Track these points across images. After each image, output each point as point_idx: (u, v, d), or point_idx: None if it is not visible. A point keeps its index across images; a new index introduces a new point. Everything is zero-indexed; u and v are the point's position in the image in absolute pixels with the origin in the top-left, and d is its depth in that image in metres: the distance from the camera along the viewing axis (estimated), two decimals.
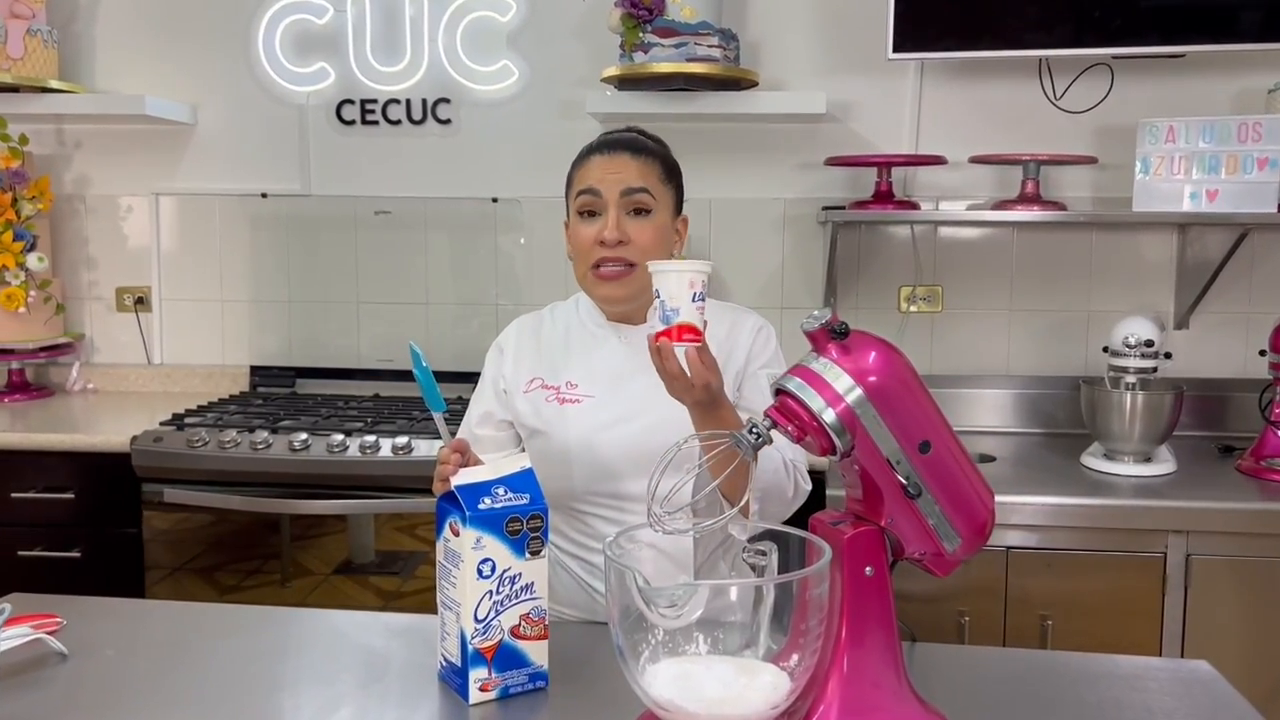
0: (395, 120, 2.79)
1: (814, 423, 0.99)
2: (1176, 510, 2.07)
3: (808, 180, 2.67)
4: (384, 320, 2.86)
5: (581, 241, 1.48)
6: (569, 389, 1.52)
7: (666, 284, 1.17)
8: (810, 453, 1.04)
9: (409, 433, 2.33)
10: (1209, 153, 2.29)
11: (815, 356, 1.01)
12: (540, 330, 1.62)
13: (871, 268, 2.67)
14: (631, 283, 1.48)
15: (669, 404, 1.46)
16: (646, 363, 1.50)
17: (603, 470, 1.48)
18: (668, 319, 1.18)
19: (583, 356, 1.55)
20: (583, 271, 1.50)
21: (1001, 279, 2.65)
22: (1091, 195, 2.59)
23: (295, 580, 2.38)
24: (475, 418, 1.61)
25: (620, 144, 1.52)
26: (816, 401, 0.99)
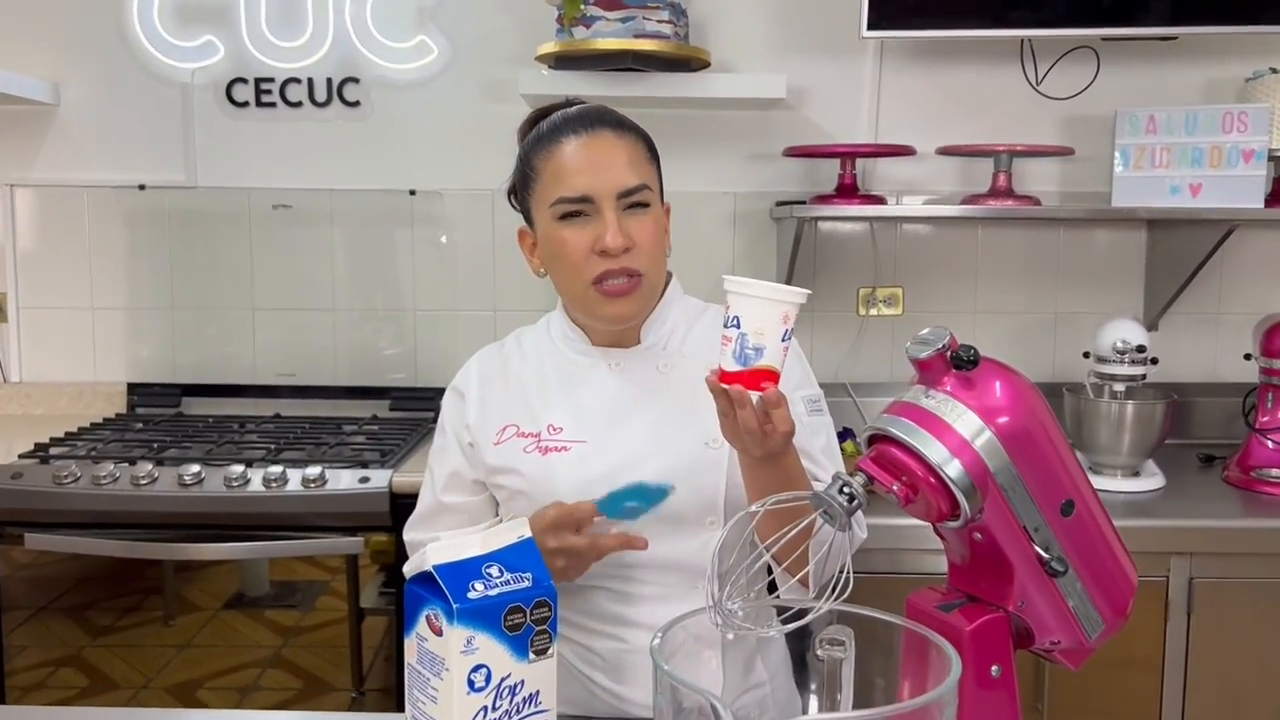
0: (295, 102, 2.46)
1: (931, 479, 0.75)
2: (1178, 530, 1.91)
3: (760, 172, 2.44)
4: (283, 329, 2.52)
5: (572, 252, 1.21)
6: (552, 434, 1.26)
7: (753, 313, 0.95)
8: (916, 516, 0.80)
9: (321, 461, 2.02)
10: (1191, 144, 2.15)
11: (925, 391, 0.77)
12: (508, 365, 1.34)
13: (827, 268, 2.46)
14: (642, 296, 1.23)
15: (681, 443, 1.21)
16: (646, 393, 1.25)
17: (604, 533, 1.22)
18: (745, 358, 0.95)
19: (566, 392, 1.28)
20: (579, 289, 1.23)
21: (965, 279, 2.48)
22: (1059, 189, 2.43)
23: (180, 617, 2.06)
24: (441, 482, 1.34)
25: (596, 118, 1.24)
26: (936, 450, 0.75)
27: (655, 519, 1.21)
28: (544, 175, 1.23)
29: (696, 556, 1.22)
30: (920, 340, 0.77)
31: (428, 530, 1.34)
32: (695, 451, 1.22)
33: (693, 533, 1.22)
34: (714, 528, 1.22)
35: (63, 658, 2.04)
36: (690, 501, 1.21)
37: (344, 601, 2.02)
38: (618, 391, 1.27)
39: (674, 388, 1.25)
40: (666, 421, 1.24)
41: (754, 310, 0.94)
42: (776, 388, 0.98)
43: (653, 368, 1.28)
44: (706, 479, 1.21)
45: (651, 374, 1.27)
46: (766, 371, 0.95)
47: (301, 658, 2.06)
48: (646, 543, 1.17)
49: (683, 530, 1.22)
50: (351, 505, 1.95)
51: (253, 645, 2.06)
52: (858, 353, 2.48)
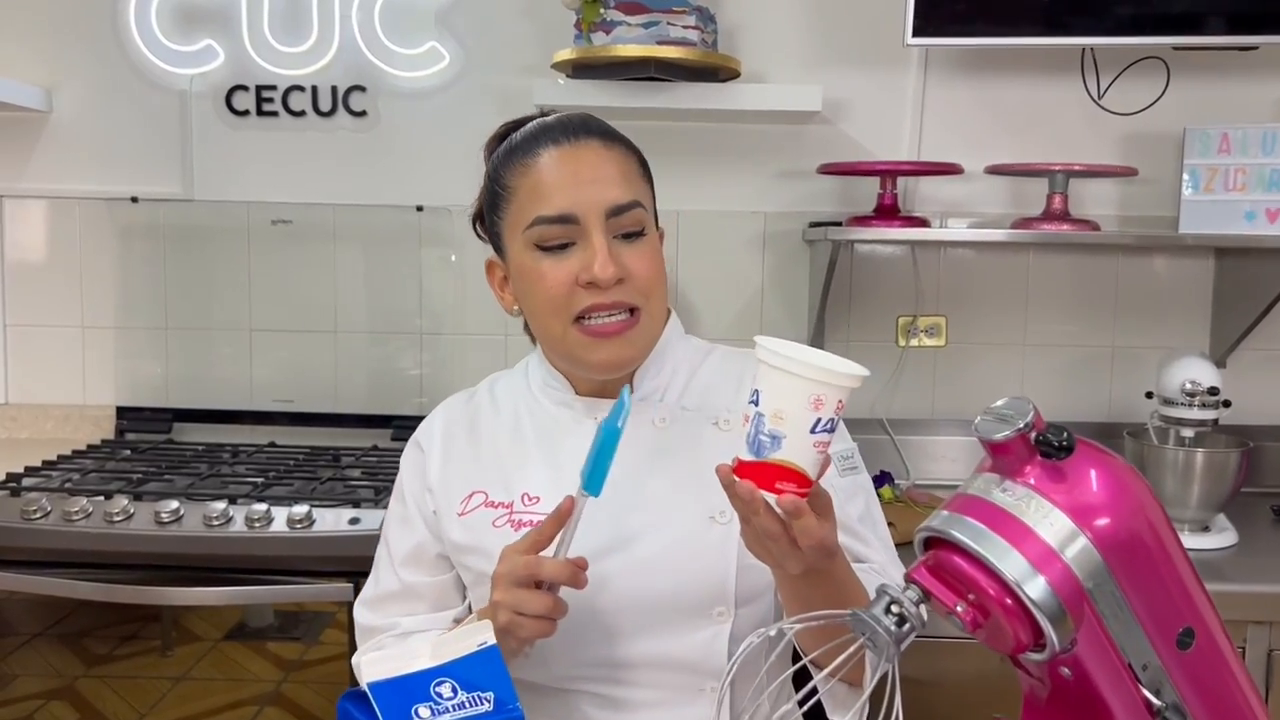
0: (298, 111, 2.31)
1: (1007, 599, 0.57)
2: (1257, 596, 1.71)
3: (792, 191, 2.27)
4: (282, 352, 2.37)
5: (551, 285, 1.03)
6: (527, 506, 1.07)
7: (775, 389, 0.76)
8: (991, 647, 0.61)
9: (310, 499, 1.86)
10: (1269, 166, 1.95)
11: (999, 483, 0.60)
12: (477, 418, 1.16)
13: (864, 294, 2.28)
14: (639, 338, 1.05)
15: (682, 516, 1.02)
16: (640, 455, 1.05)
17: (592, 630, 1.03)
18: (758, 446, 0.77)
19: (544, 454, 1.09)
20: (559, 330, 1.04)
21: (1014, 309, 2.29)
22: (1119, 213, 2.24)
23: (179, 647, 1.93)
24: (399, 556, 1.15)
25: (580, 126, 1.07)
26: (1014, 563, 0.57)
27: (651, 609, 1.02)
28: (518, 193, 1.05)
29: (702, 654, 1.03)
30: (995, 416, 0.59)
31: (383, 614, 1.16)
32: (699, 526, 1.03)
33: (697, 625, 1.03)
34: (723, 620, 1.03)
35: (55, 689, 1.91)
36: (693, 588, 1.02)
37: (346, 634, 1.87)
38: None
39: (673, 448, 1.07)
40: (664, 490, 1.05)
41: (776, 386, 0.76)
42: (797, 492, 0.77)
43: (648, 424, 1.08)
44: (713, 560, 1.02)
45: (646, 431, 1.08)
46: (783, 469, 0.76)
47: (302, 695, 1.92)
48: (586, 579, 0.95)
49: (684, 622, 1.03)
50: (340, 548, 1.79)
51: (252, 679, 1.92)
52: (896, 387, 2.29)
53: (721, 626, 1.03)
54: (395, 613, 1.15)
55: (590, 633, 1.03)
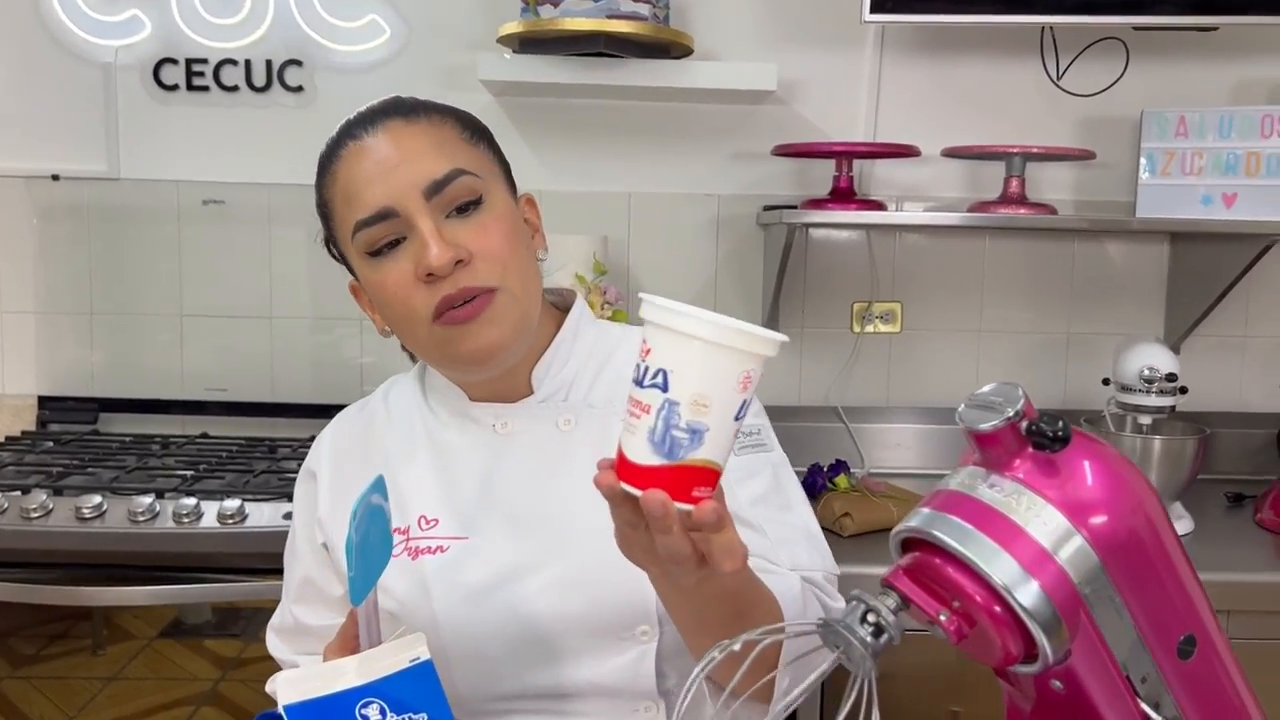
0: (231, 86, 2.20)
1: (995, 607, 0.51)
2: (1215, 585, 1.65)
3: (746, 173, 2.21)
4: (215, 339, 2.26)
5: (395, 290, 0.91)
6: (425, 530, 0.97)
7: (694, 367, 0.60)
8: (976, 659, 0.56)
9: (242, 492, 1.77)
10: (1226, 149, 1.93)
11: (985, 477, 0.54)
12: (370, 433, 1.05)
13: (819, 280, 2.23)
14: (503, 316, 0.92)
15: (595, 530, 0.93)
16: (544, 462, 0.95)
17: (500, 663, 0.94)
18: (673, 445, 0.61)
19: (439, 469, 0.99)
20: (423, 337, 0.93)
21: (970, 295, 2.25)
22: (1074, 198, 2.21)
23: (111, 646, 1.84)
24: (294, 589, 1.06)
25: (379, 112, 0.96)
26: (1004, 566, 0.51)
27: (570, 633, 0.93)
28: (335, 206, 0.95)
29: (628, 677, 0.94)
30: (981, 403, 0.54)
31: (289, 648, 1.07)
32: (611, 540, 0.94)
33: (620, 647, 0.94)
34: (647, 639, 0.93)
35: None
36: (612, 607, 0.92)
37: None
38: (506, 463, 0.97)
39: (580, 452, 0.95)
40: (574, 500, 0.93)
41: (694, 362, 0.60)
42: (714, 497, 0.63)
43: (551, 426, 0.98)
44: (631, 576, 0.88)
45: (550, 435, 0.98)
46: (702, 470, 0.61)
47: (240, 694, 1.83)
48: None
49: (607, 645, 0.94)
50: (274, 545, 1.68)
51: (189, 678, 1.84)
52: (851, 374, 2.24)
53: (647, 646, 0.93)
54: (296, 649, 1.07)
55: (510, 662, 0.94)
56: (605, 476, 0.65)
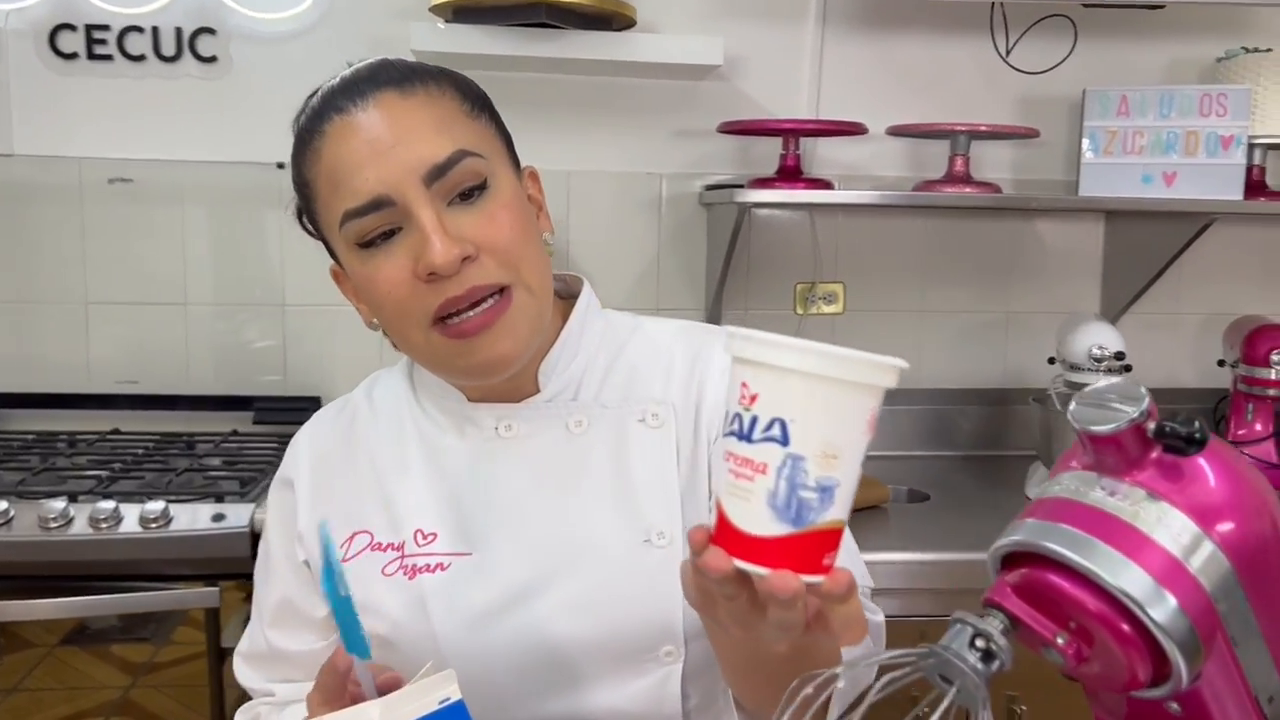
0: (137, 55, 2.05)
1: (1123, 624, 0.46)
2: None
3: (688, 151, 2.15)
4: (123, 327, 2.11)
5: (390, 291, 0.82)
6: (422, 545, 0.87)
7: (820, 412, 0.51)
8: (1084, 683, 0.51)
9: (165, 493, 1.64)
10: (1166, 128, 1.94)
11: (1097, 481, 0.49)
12: (354, 436, 0.95)
13: (762, 261, 2.19)
14: (519, 321, 0.83)
15: (611, 542, 0.85)
16: (554, 469, 0.87)
17: (509, 691, 0.86)
18: (800, 509, 0.51)
19: (435, 477, 0.90)
20: (419, 339, 0.83)
21: (911, 275, 2.24)
22: (1013, 177, 2.20)
23: (8, 656, 1.69)
24: (268, 614, 0.95)
25: (369, 80, 0.84)
26: (1134, 579, 0.46)
27: (586, 658, 0.86)
28: (319, 188, 0.84)
29: (652, 702, 0.87)
30: (1096, 402, 0.49)
31: (259, 675, 0.97)
32: (633, 552, 0.85)
33: (642, 670, 0.86)
34: (672, 660, 0.86)
35: None
36: (633, 627, 0.85)
37: (204, 632, 1.67)
38: (511, 470, 0.88)
39: (594, 457, 0.88)
40: (588, 511, 0.87)
41: (821, 406, 0.51)
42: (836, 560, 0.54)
43: (560, 428, 0.90)
44: (654, 592, 0.84)
45: (560, 438, 0.89)
46: (833, 531, 0.52)
47: (154, 700, 1.72)
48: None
49: (627, 669, 0.86)
50: (203, 549, 1.59)
51: (96, 687, 1.71)
52: None
53: (672, 668, 0.86)
54: (269, 675, 0.97)
55: (520, 690, 0.86)
56: (715, 558, 0.53)
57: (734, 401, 0.53)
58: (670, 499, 0.87)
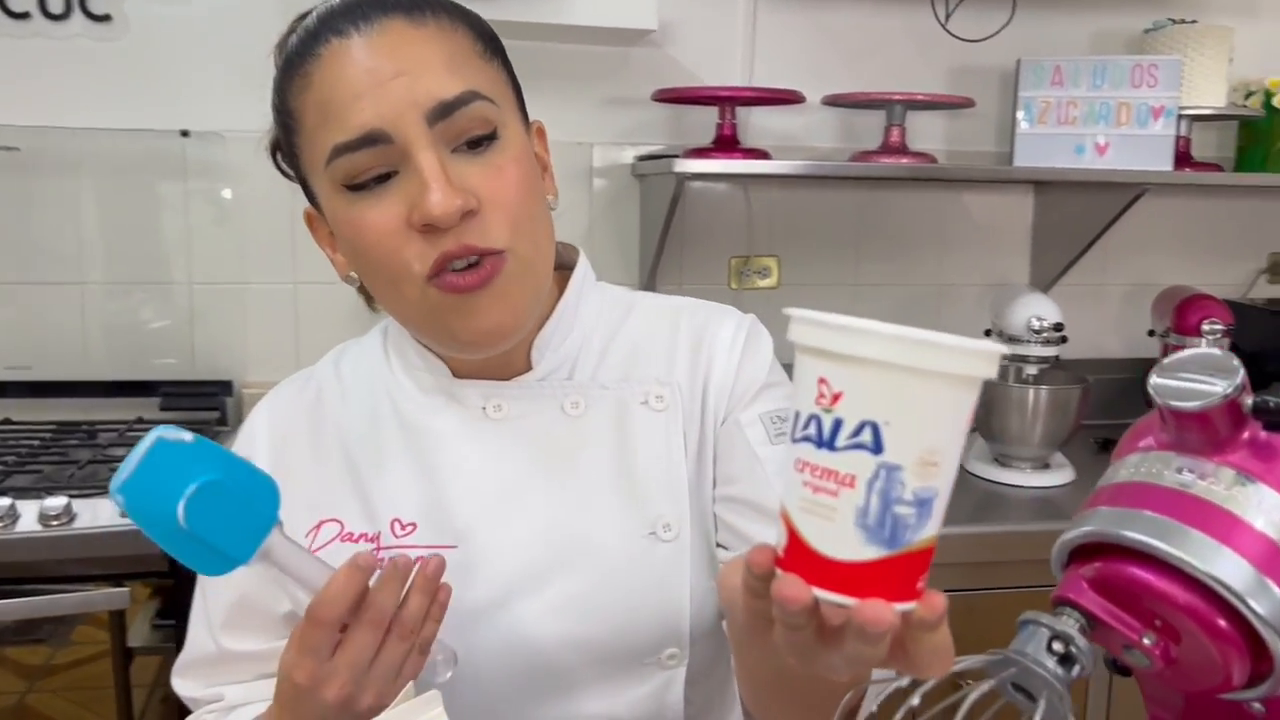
0: (19, 13, 1.88)
1: (1218, 620, 0.41)
2: None
3: (619, 120, 2.07)
4: (12, 308, 1.95)
5: (378, 240, 0.73)
6: (401, 536, 0.80)
7: (926, 409, 0.44)
8: (1178, 687, 0.46)
9: (66, 488, 1.52)
10: (1099, 99, 1.94)
11: (1177, 462, 0.44)
12: (320, 414, 0.86)
13: (696, 235, 2.13)
14: (514, 288, 0.75)
15: (611, 535, 0.79)
16: (548, 455, 0.80)
17: (498, 698, 0.79)
18: (896, 527, 0.44)
19: (417, 462, 0.82)
20: (413, 297, 0.74)
21: (845, 248, 2.21)
22: (945, 148, 2.19)
23: None
24: (219, 615, 0.85)
25: (375, 5, 0.74)
26: (1231, 566, 0.41)
27: (582, 663, 0.79)
28: (306, 118, 0.75)
29: (651, 711, 0.81)
30: (1181, 374, 0.43)
31: (203, 682, 0.87)
32: (637, 546, 0.79)
33: (643, 676, 0.80)
34: (675, 664, 0.80)
35: None
36: (636, 629, 0.79)
37: (107, 631, 1.56)
38: (500, 455, 0.81)
39: (594, 442, 0.82)
40: (587, 501, 0.80)
41: (924, 404, 0.43)
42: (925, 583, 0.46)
43: (555, 410, 0.83)
44: (660, 590, 0.78)
45: (555, 420, 0.82)
46: (927, 551, 0.45)
47: (53, 706, 1.61)
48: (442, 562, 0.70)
49: (627, 674, 0.80)
50: (110, 547, 1.47)
51: None
52: None
53: (675, 672, 0.80)
54: (214, 680, 0.87)
55: (509, 696, 0.79)
56: (793, 588, 0.44)
57: (806, 401, 0.45)
58: (677, 488, 0.81)
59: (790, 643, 0.47)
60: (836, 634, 0.45)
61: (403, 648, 0.68)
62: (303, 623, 0.66)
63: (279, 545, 0.65)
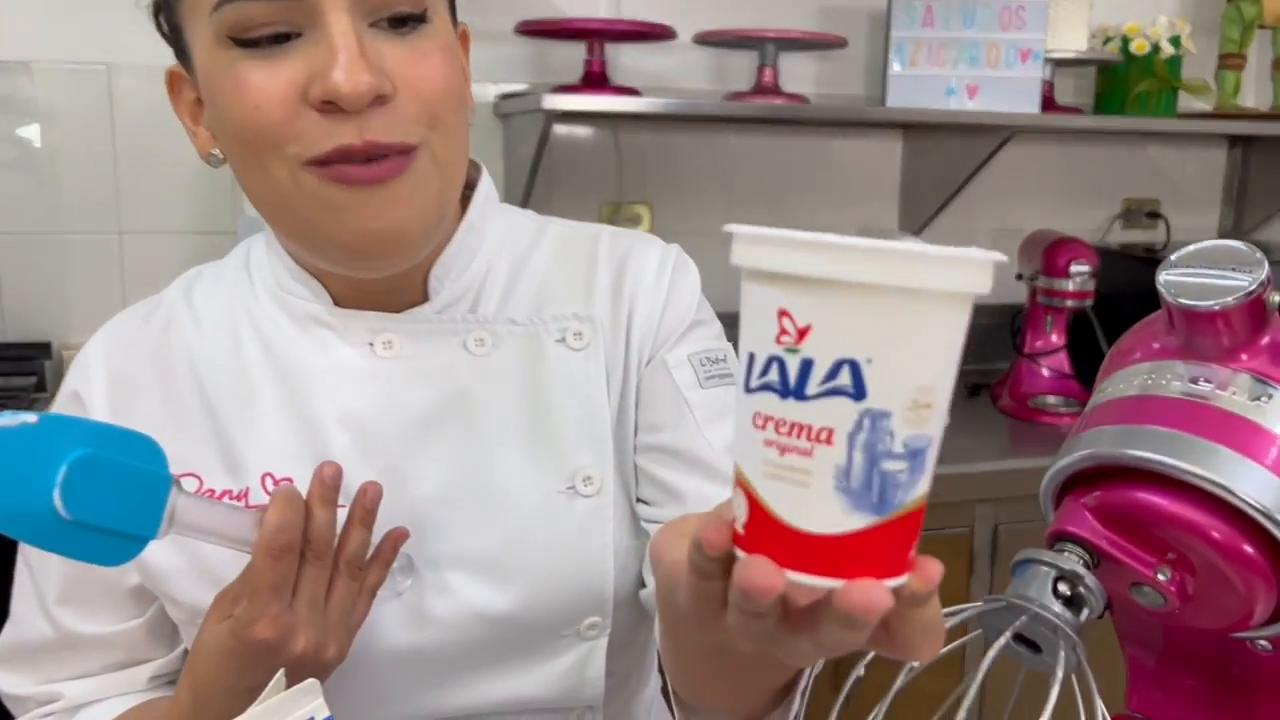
0: None
1: (1243, 545, 0.35)
2: (981, 476, 1.71)
3: (480, 56, 1.91)
4: None
5: (260, 107, 0.60)
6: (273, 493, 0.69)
7: (907, 330, 0.34)
8: (1192, 624, 0.40)
9: None
10: (969, 40, 1.92)
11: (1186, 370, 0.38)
12: (169, 350, 0.73)
13: (563, 180, 2.03)
14: (418, 192, 0.64)
15: (524, 490, 0.69)
16: (449, 399, 0.70)
17: (390, 681, 0.69)
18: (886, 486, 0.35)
19: (289, 408, 0.70)
20: (283, 180, 0.62)
21: (716, 195, 2.14)
22: (816, 91, 2.14)
23: None
24: (53, 590, 0.72)
25: None
26: (1259, 483, 0.35)
27: (491, 639, 0.70)
28: None
29: (569, 687, 0.72)
30: (1192, 268, 0.37)
31: (34, 674, 0.74)
32: (554, 503, 0.70)
33: (559, 649, 0.72)
34: (596, 634, 0.72)
35: None
36: (553, 597, 0.70)
37: None
38: (391, 399, 0.70)
39: (501, 384, 0.72)
40: (493, 451, 0.71)
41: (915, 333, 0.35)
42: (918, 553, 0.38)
43: (457, 348, 0.72)
44: (580, 552, 0.70)
45: (457, 360, 0.72)
46: (918, 513, 0.36)
47: None
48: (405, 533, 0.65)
49: (542, 648, 0.71)
50: None
51: None
52: None
53: (596, 644, 0.72)
54: (52, 674, 0.73)
55: (404, 678, 0.69)
56: (764, 574, 0.35)
57: (763, 340, 0.36)
58: (600, 437, 0.72)
59: (748, 630, 0.38)
60: (807, 617, 0.37)
61: (353, 587, 0.62)
62: (251, 569, 0.59)
63: (185, 505, 0.57)
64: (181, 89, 0.69)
